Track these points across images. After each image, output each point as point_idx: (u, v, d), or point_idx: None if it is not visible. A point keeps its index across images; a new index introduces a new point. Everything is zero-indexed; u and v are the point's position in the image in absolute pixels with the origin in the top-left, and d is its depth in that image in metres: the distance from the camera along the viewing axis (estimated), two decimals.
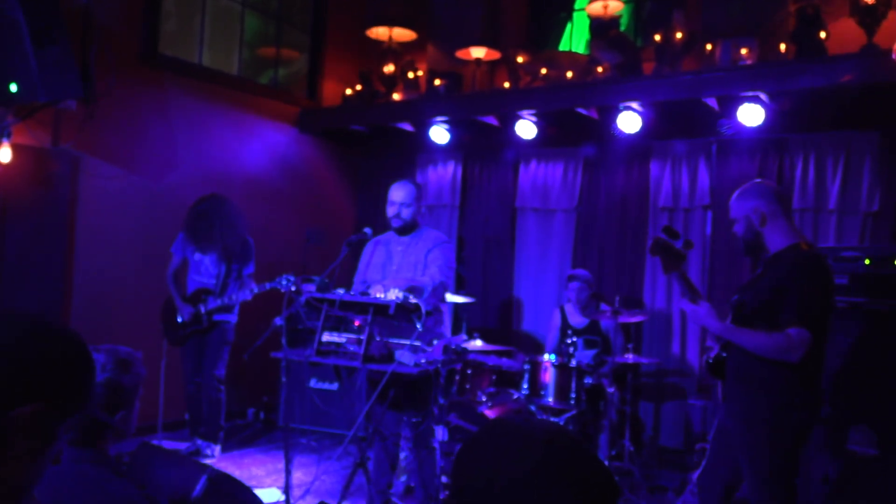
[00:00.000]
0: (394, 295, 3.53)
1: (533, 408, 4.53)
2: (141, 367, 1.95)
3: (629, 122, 5.27)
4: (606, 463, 4.59)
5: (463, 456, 1.10)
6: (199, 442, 5.01)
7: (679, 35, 5.28)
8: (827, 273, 2.82)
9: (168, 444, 4.77)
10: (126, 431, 1.92)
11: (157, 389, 4.92)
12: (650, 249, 3.04)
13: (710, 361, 3.05)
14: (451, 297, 5.15)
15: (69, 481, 1.76)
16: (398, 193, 4.00)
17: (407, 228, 4.02)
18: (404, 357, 3.43)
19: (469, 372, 4.68)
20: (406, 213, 3.98)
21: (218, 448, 5.05)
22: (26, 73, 4.00)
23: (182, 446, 5.00)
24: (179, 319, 4.96)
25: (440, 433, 3.91)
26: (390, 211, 4.01)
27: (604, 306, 5.25)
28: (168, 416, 5.14)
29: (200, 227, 4.88)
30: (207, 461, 4.81)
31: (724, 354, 2.99)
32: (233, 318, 5.04)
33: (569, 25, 6.85)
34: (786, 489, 2.81)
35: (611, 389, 4.77)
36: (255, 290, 4.76)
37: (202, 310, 4.89)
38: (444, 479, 4.13)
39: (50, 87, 4.06)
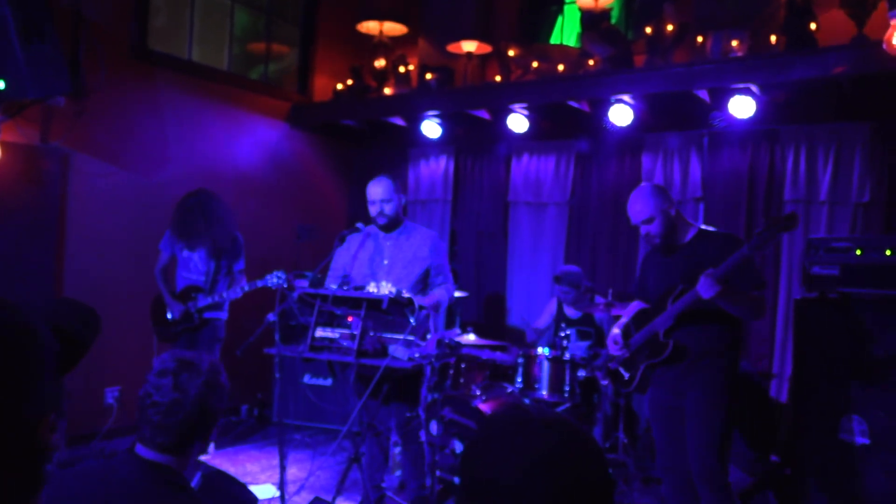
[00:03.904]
0: (386, 289, 3.53)
1: (527, 401, 4.53)
2: (224, 379, 1.75)
3: (621, 114, 5.27)
4: None
5: (469, 451, 1.13)
6: None
7: (670, 27, 5.28)
8: None
9: None
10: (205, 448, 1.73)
11: None
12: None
13: (624, 377, 3.49)
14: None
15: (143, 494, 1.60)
16: (376, 190, 3.94)
17: (392, 225, 3.97)
18: (398, 351, 3.43)
19: (463, 366, 4.68)
20: (389, 209, 3.93)
21: (212, 445, 5.04)
22: (14, 70, 3.96)
23: None
24: (169, 316, 4.93)
25: (434, 427, 3.91)
26: (372, 210, 3.95)
27: (598, 299, 5.25)
28: None
29: (188, 222, 4.82)
30: (202, 458, 4.80)
31: (648, 365, 3.34)
32: (223, 315, 5.01)
33: (560, 18, 6.84)
34: (727, 448, 3.15)
35: (604, 382, 4.78)
36: (246, 289, 4.70)
37: (192, 308, 4.86)
38: (437, 472, 4.13)
39: (38, 84, 4.03)
